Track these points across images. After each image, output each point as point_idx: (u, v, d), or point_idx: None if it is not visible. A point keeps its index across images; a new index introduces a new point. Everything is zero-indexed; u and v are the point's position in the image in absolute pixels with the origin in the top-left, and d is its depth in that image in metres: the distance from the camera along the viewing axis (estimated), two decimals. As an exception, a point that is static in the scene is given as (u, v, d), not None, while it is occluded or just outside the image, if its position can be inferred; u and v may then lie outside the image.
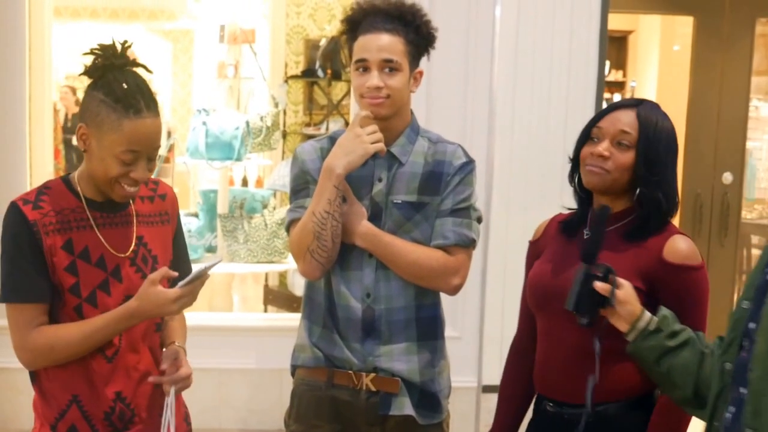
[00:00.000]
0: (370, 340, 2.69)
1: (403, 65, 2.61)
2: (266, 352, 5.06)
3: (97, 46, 2.33)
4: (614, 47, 9.80)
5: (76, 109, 10.60)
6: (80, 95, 10.47)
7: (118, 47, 2.34)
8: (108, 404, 2.39)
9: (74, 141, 10.46)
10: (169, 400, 2.43)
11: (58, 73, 10.96)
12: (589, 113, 5.02)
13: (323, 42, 7.78)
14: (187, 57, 9.48)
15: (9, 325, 2.33)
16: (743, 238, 6.87)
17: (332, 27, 7.82)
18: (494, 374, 5.03)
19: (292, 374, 2.85)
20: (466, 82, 4.92)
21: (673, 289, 2.40)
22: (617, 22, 8.37)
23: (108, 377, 2.38)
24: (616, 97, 9.70)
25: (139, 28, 9.51)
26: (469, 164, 2.71)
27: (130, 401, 2.42)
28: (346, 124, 6.90)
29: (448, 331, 4.69)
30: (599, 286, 2.23)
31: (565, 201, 5.09)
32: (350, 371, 2.70)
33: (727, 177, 6.65)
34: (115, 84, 2.28)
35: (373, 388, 2.70)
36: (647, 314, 2.25)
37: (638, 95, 9.41)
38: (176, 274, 2.33)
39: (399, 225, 2.67)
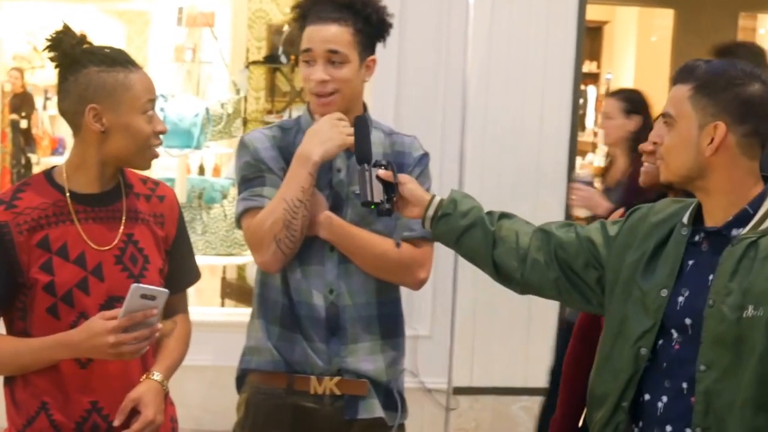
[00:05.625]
0: (335, 340, 2.58)
1: (351, 56, 2.54)
2: (223, 349, 4.74)
3: (54, 33, 2.23)
4: (588, 38, 9.70)
5: (21, 91, 10.31)
6: (27, 77, 10.09)
7: (74, 31, 2.25)
8: (80, 414, 2.23)
9: (22, 124, 10.16)
10: None
11: (6, 54, 10.59)
12: (566, 107, 4.94)
13: (286, 27, 7.60)
14: (142, 39, 9.21)
15: None
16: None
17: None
18: (464, 376, 4.93)
19: (240, 379, 2.68)
20: (438, 75, 4.82)
21: None
22: (592, 12, 8.25)
23: (83, 385, 2.23)
24: (590, 90, 9.62)
25: (91, 8, 9.23)
26: (426, 156, 2.69)
27: (108, 412, 2.23)
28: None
29: (419, 330, 4.47)
30: (381, 173, 2.36)
31: (540, 196, 4.93)
32: (311, 376, 2.55)
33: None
34: (99, 53, 2.22)
35: (337, 392, 2.56)
36: (437, 199, 2.35)
37: (615, 87, 9.31)
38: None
39: (361, 217, 2.58)
